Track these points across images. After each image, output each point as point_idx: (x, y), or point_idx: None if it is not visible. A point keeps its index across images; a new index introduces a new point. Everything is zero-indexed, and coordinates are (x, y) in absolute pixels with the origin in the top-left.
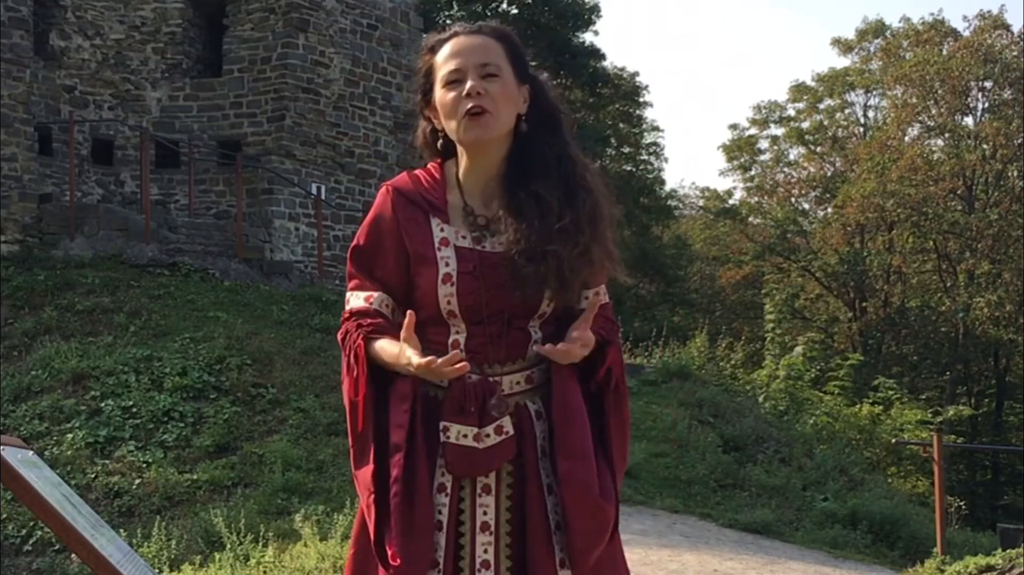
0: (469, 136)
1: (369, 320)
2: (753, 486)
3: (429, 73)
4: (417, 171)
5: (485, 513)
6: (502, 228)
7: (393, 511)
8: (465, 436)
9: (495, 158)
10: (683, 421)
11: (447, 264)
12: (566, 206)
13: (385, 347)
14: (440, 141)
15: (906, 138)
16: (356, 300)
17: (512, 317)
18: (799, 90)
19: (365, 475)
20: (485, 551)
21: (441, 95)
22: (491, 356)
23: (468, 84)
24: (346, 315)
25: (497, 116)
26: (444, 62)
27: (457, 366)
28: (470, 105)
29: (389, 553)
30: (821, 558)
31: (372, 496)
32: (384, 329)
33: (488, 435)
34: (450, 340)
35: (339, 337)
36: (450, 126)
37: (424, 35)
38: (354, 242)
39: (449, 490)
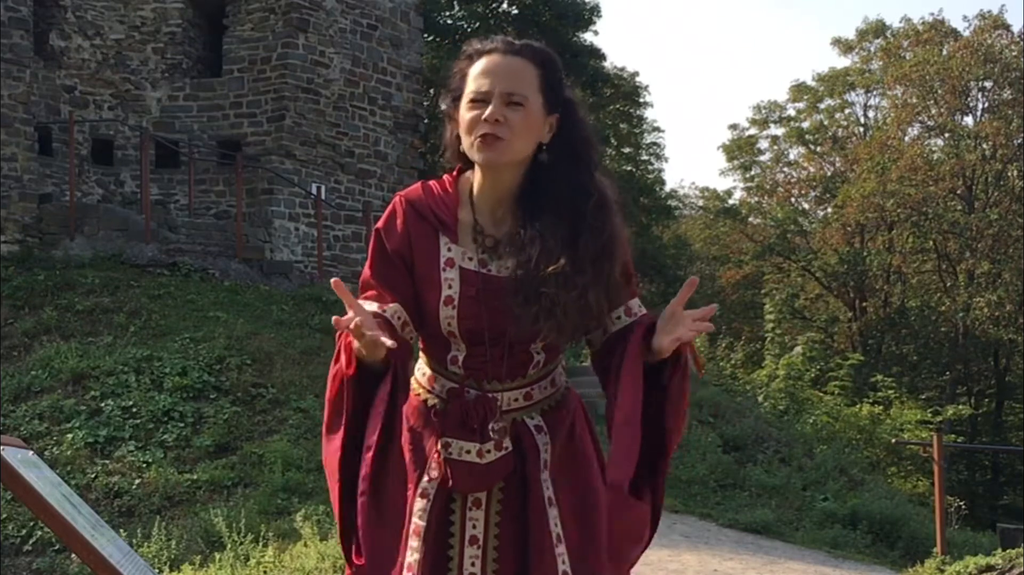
0: (479, 157)
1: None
2: (753, 486)
3: (462, 80)
4: (431, 182)
5: (474, 527)
6: (509, 252)
7: (360, 510)
8: (468, 452)
9: (508, 181)
10: None
11: (450, 286)
12: (567, 246)
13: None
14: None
15: (906, 138)
16: (368, 306)
17: (514, 342)
18: (799, 90)
19: (332, 464)
20: (472, 564)
21: (463, 110)
22: (490, 373)
23: (489, 110)
24: None
25: (510, 145)
26: (475, 78)
27: (371, 335)
28: (484, 131)
29: (354, 550)
30: (821, 558)
31: (338, 490)
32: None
33: (489, 451)
34: (449, 356)
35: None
36: (465, 142)
37: (424, 35)
38: (369, 256)
39: (432, 496)
